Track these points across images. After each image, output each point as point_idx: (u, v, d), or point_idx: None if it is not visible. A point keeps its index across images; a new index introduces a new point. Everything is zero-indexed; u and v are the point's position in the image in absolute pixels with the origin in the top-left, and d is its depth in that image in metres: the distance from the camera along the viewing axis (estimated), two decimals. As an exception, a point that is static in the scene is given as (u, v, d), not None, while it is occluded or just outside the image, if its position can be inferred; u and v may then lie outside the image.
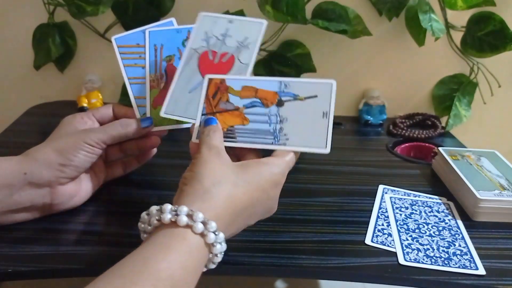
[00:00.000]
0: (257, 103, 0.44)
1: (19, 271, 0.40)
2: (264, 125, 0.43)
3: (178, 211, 0.34)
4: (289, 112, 0.43)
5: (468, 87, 0.86)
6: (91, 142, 0.45)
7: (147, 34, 0.54)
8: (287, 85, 0.44)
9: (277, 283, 0.71)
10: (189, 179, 0.38)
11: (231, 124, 0.44)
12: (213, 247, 0.35)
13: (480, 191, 0.52)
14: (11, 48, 0.84)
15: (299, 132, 0.42)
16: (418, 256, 0.44)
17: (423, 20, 0.76)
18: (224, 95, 0.45)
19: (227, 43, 0.49)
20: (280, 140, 0.42)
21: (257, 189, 0.39)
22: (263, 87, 0.44)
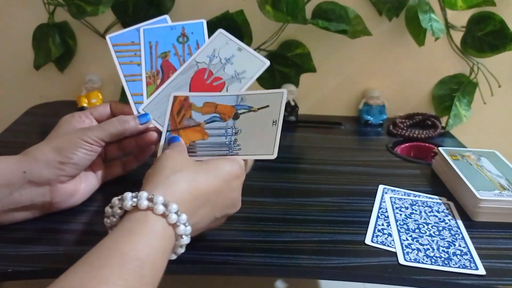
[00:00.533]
0: (216, 118, 0.47)
1: (19, 271, 0.40)
2: (221, 138, 0.46)
3: (139, 197, 0.35)
4: (243, 123, 0.46)
5: (468, 87, 0.86)
6: (89, 140, 0.46)
7: (141, 32, 0.54)
8: (243, 98, 0.47)
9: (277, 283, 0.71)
10: (152, 173, 0.39)
11: (192, 140, 0.46)
12: (177, 227, 0.36)
13: (480, 191, 0.52)
14: (11, 48, 0.84)
15: (250, 141, 0.45)
16: (418, 256, 0.44)
17: (423, 20, 0.76)
18: (187, 112, 0.48)
19: (225, 69, 0.51)
20: (234, 150, 0.45)
21: (219, 179, 0.40)
22: (223, 102, 0.47)
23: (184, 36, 0.54)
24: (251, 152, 0.44)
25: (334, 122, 0.83)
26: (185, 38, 0.54)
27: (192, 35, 0.54)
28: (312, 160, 0.67)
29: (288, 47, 0.82)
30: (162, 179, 0.38)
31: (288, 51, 0.82)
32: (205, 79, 0.51)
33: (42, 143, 0.46)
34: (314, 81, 0.86)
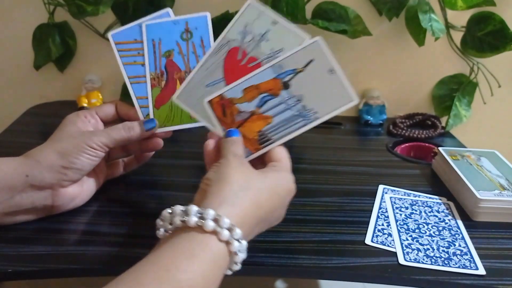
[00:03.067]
0: (266, 97, 0.43)
1: (19, 271, 0.40)
2: (287, 112, 0.43)
3: (205, 215, 0.33)
4: (299, 88, 0.43)
5: (468, 87, 0.86)
6: (94, 145, 0.45)
7: (144, 28, 0.52)
8: (281, 65, 0.43)
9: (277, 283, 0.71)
10: (215, 180, 0.37)
11: (258, 130, 0.43)
12: (235, 255, 0.34)
13: (480, 191, 0.52)
14: (11, 48, 0.84)
15: (321, 99, 0.42)
16: (418, 256, 0.44)
17: (423, 20, 0.75)
18: (233, 108, 0.44)
19: (261, 47, 0.46)
20: (311, 116, 0.42)
21: (278, 196, 0.39)
22: (261, 80, 0.43)
23: (188, 32, 0.52)
24: (331, 110, 0.42)
25: (334, 122, 0.83)
26: (188, 34, 0.52)
27: (196, 30, 0.52)
28: (312, 160, 0.67)
29: (288, 47, 0.82)
30: (230, 196, 0.35)
31: (288, 51, 0.82)
32: (239, 60, 0.46)
33: (45, 145, 0.45)
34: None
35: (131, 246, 0.44)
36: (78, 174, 0.45)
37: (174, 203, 0.52)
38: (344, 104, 0.42)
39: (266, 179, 0.38)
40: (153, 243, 0.44)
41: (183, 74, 0.51)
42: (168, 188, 0.56)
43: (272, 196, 0.38)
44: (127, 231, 0.46)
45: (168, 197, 0.54)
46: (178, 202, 0.52)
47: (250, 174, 0.38)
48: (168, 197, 0.54)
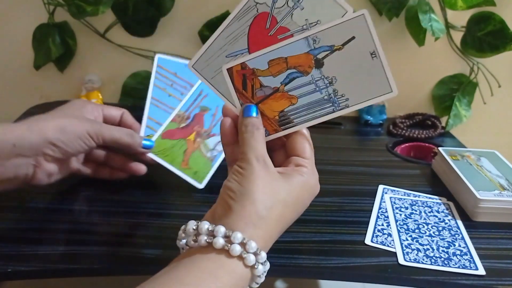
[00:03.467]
0: (294, 74, 0.38)
1: (19, 271, 0.40)
2: (315, 94, 0.38)
3: (232, 238, 0.32)
4: (333, 68, 0.37)
5: (468, 87, 0.86)
6: (92, 134, 0.45)
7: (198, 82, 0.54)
8: (316, 39, 0.37)
9: (277, 283, 0.71)
10: (239, 194, 0.34)
11: (280, 109, 0.38)
12: (258, 278, 0.33)
13: (480, 191, 0.52)
14: (11, 48, 0.84)
15: (355, 85, 0.37)
16: (418, 256, 0.44)
17: (423, 20, 0.76)
18: (255, 81, 0.38)
19: (294, 16, 0.38)
20: (340, 103, 0.37)
21: (302, 204, 0.38)
22: (291, 53, 0.37)
23: None
24: (365, 98, 0.37)
25: (334, 122, 0.83)
26: None
27: None
28: (312, 160, 0.67)
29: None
30: (255, 218, 0.33)
31: (288, 51, 0.82)
32: (268, 30, 0.39)
33: (46, 116, 0.45)
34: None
35: (131, 246, 0.44)
36: (63, 154, 0.46)
37: (174, 203, 0.53)
38: (381, 94, 0.37)
39: (291, 190, 0.36)
40: (153, 243, 0.44)
41: (203, 131, 0.54)
42: (168, 188, 0.56)
43: (297, 206, 0.37)
44: (127, 231, 0.46)
45: (169, 197, 0.54)
46: (178, 202, 0.53)
47: (275, 185, 0.35)
48: (169, 197, 0.54)
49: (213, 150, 0.54)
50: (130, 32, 0.82)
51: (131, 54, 0.84)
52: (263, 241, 0.33)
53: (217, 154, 0.54)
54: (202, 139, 0.54)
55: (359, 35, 0.36)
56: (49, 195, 0.52)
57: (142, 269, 0.42)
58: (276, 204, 0.35)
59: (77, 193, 0.53)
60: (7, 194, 0.51)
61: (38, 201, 0.50)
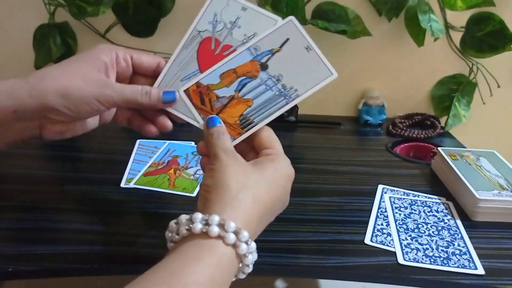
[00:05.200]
0: (245, 80, 0.43)
1: (20, 271, 0.40)
2: (267, 93, 0.42)
3: (210, 221, 0.33)
4: (277, 68, 0.42)
5: (467, 87, 0.86)
6: (102, 100, 0.40)
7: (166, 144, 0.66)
8: (257, 47, 0.43)
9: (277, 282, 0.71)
10: (213, 186, 0.36)
11: (239, 114, 0.42)
12: (245, 257, 0.33)
13: (479, 191, 0.52)
14: (12, 49, 0.84)
15: (300, 77, 0.42)
16: (417, 255, 0.45)
17: (422, 20, 0.76)
18: (211, 95, 0.43)
19: (233, 35, 0.45)
20: (292, 94, 0.42)
21: (278, 186, 0.38)
22: (238, 63, 0.43)
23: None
24: (311, 85, 0.42)
25: (334, 122, 0.83)
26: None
27: None
28: (312, 160, 0.67)
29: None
30: (230, 200, 0.35)
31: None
32: (213, 50, 0.45)
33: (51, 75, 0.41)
34: (314, 81, 0.86)
35: (131, 246, 0.44)
36: (69, 118, 0.41)
37: (174, 203, 0.53)
38: (323, 79, 0.42)
39: (263, 172, 0.38)
40: (153, 243, 0.44)
41: (180, 167, 0.60)
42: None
43: (272, 188, 0.37)
44: (127, 231, 0.47)
45: (168, 197, 0.54)
46: (178, 202, 0.53)
47: (245, 170, 0.37)
48: (168, 197, 0.54)
49: (195, 175, 0.59)
50: (131, 33, 0.83)
51: (131, 54, 0.84)
52: (242, 221, 0.34)
53: (200, 175, 0.59)
54: (181, 171, 0.59)
55: (292, 36, 0.43)
56: (49, 194, 0.52)
57: (142, 269, 0.42)
58: (248, 184, 0.36)
59: (77, 192, 0.53)
60: (7, 194, 0.52)
61: (38, 201, 0.51)
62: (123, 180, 0.56)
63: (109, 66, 0.42)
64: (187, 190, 0.55)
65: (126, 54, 0.44)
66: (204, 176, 0.38)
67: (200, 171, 0.59)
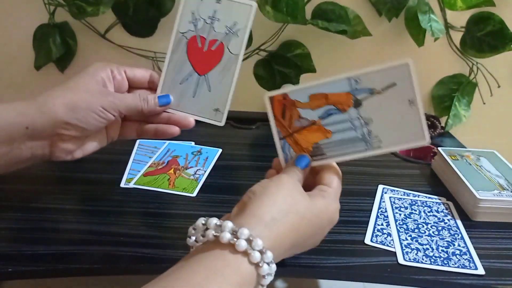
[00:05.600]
0: (332, 111, 0.40)
1: (20, 271, 0.40)
2: (350, 132, 0.40)
3: (239, 233, 0.31)
4: (371, 110, 0.39)
5: (467, 87, 0.86)
6: (106, 106, 0.42)
7: (166, 144, 0.66)
8: (358, 80, 0.39)
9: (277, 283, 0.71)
10: (258, 195, 0.35)
11: (314, 141, 0.41)
12: (263, 278, 0.32)
13: (479, 191, 0.52)
14: (11, 48, 0.84)
15: (390, 129, 0.39)
16: (418, 255, 0.45)
17: (422, 20, 0.76)
18: (294, 112, 0.41)
19: (215, 28, 0.46)
20: (374, 144, 0.40)
21: (319, 224, 0.37)
22: (332, 90, 0.39)
23: (199, 152, 0.64)
24: (397, 143, 0.39)
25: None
26: (199, 153, 0.64)
27: (206, 153, 0.64)
28: (311, 160, 0.67)
29: (288, 48, 0.82)
30: (267, 218, 0.33)
31: (288, 52, 0.82)
32: (201, 47, 0.46)
33: (56, 93, 0.42)
34: (314, 81, 0.86)
35: (131, 246, 0.44)
36: (80, 132, 0.43)
37: (174, 203, 0.53)
38: (413, 142, 0.39)
39: (311, 206, 0.36)
40: (153, 243, 0.44)
41: (179, 167, 0.60)
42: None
43: (313, 224, 0.37)
44: (127, 231, 0.47)
45: (168, 197, 0.54)
46: (178, 202, 0.53)
47: (296, 197, 0.36)
48: (168, 197, 0.54)
49: (195, 175, 0.58)
50: (131, 33, 0.83)
51: (132, 54, 0.84)
52: (271, 242, 0.33)
53: (200, 174, 0.58)
54: (181, 171, 0.59)
55: (400, 82, 0.38)
56: (49, 195, 0.52)
57: (142, 269, 0.42)
58: (292, 212, 0.35)
59: (77, 192, 0.53)
60: (7, 194, 0.51)
61: (38, 201, 0.50)
62: (123, 180, 0.56)
63: (107, 81, 0.45)
64: (187, 190, 0.55)
65: (120, 69, 0.46)
66: (256, 184, 0.36)
67: (200, 171, 0.59)
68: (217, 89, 0.46)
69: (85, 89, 0.43)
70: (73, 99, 0.42)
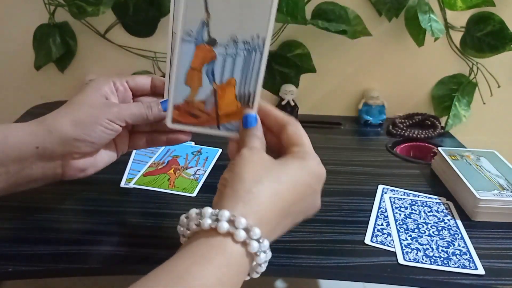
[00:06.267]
0: (210, 67, 0.39)
1: (20, 271, 0.40)
2: (237, 59, 0.39)
3: (219, 216, 0.31)
4: (222, 32, 0.38)
5: (467, 87, 0.86)
6: (112, 118, 0.42)
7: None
8: (188, 32, 0.39)
9: (277, 283, 0.71)
10: (229, 180, 0.34)
11: (233, 97, 0.39)
12: (257, 256, 0.32)
13: (479, 191, 0.52)
14: (11, 49, 0.84)
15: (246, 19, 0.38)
16: (418, 255, 0.45)
17: (422, 20, 0.76)
18: (196, 105, 0.40)
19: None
20: (256, 43, 0.38)
21: (303, 183, 0.35)
22: (189, 60, 0.39)
23: (199, 152, 0.64)
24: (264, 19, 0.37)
25: (334, 122, 0.83)
26: (199, 153, 0.64)
27: (206, 153, 0.64)
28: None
29: (288, 48, 0.83)
30: (243, 194, 0.33)
31: (288, 52, 0.82)
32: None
33: (62, 112, 0.43)
34: (314, 81, 0.86)
35: (131, 246, 0.44)
36: (90, 147, 0.43)
37: (174, 203, 0.53)
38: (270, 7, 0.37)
39: (286, 168, 0.35)
40: (153, 243, 0.44)
41: (180, 167, 0.60)
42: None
43: (296, 186, 0.35)
44: (127, 231, 0.47)
45: (168, 197, 0.54)
46: (178, 202, 0.53)
47: (266, 164, 0.35)
48: (168, 197, 0.54)
49: (195, 175, 0.58)
50: (131, 33, 0.83)
51: (132, 54, 0.84)
52: (256, 217, 0.32)
53: (200, 174, 0.58)
54: (181, 171, 0.59)
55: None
56: (49, 195, 0.52)
57: (142, 269, 0.42)
58: (266, 179, 0.34)
59: (78, 192, 0.53)
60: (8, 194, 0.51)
61: (38, 201, 0.50)
62: (123, 180, 0.56)
63: (110, 94, 0.45)
64: (187, 190, 0.55)
65: (121, 80, 0.46)
66: (225, 171, 0.36)
67: (200, 171, 0.59)
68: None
69: (89, 104, 0.43)
70: (79, 116, 0.42)
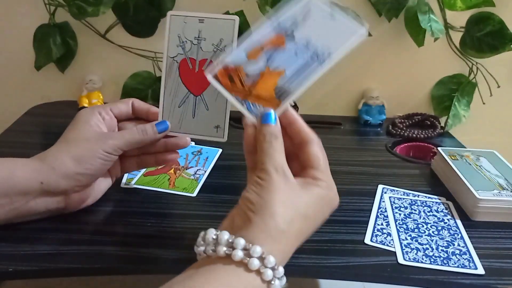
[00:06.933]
0: (273, 52, 0.40)
1: (20, 271, 0.40)
2: (299, 60, 0.40)
3: (251, 252, 0.31)
4: (303, 34, 0.40)
5: (467, 88, 0.86)
6: (109, 149, 0.45)
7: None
8: (280, 24, 0.41)
9: (277, 283, 0.71)
10: (258, 207, 0.34)
11: (273, 86, 0.40)
12: (271, 284, 0.32)
13: (479, 191, 0.52)
14: (12, 49, 0.84)
15: (327, 38, 0.40)
16: (417, 255, 0.45)
17: (422, 20, 0.76)
18: (240, 73, 0.41)
19: (203, 48, 0.47)
20: (324, 55, 0.40)
21: (322, 217, 0.37)
22: (264, 39, 0.41)
23: (199, 152, 0.64)
24: (341, 43, 0.40)
25: (334, 122, 0.83)
26: (199, 153, 0.64)
27: (206, 153, 0.64)
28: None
29: (288, 48, 0.83)
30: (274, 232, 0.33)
31: (288, 52, 0.82)
32: (193, 69, 0.47)
33: (60, 149, 0.45)
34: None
35: (131, 246, 0.44)
36: (91, 179, 0.46)
37: (174, 203, 0.53)
38: (354, 35, 0.40)
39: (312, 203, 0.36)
40: (153, 243, 0.44)
41: (180, 167, 0.60)
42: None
43: (316, 219, 0.37)
44: (127, 231, 0.47)
45: (168, 197, 0.54)
46: (178, 202, 0.53)
47: (295, 197, 0.35)
48: (168, 197, 0.54)
49: (195, 175, 0.59)
50: (131, 33, 0.83)
51: (132, 54, 0.84)
52: (281, 255, 0.33)
53: (200, 174, 0.59)
54: (181, 171, 0.59)
55: (313, 3, 0.41)
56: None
57: (142, 269, 0.42)
58: (296, 218, 0.35)
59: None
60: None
61: (38, 201, 0.50)
62: (123, 180, 0.56)
63: (99, 124, 0.47)
64: (187, 190, 0.55)
65: (106, 109, 0.48)
66: (249, 189, 0.35)
67: (200, 171, 0.59)
68: (214, 106, 0.47)
69: (84, 138, 0.45)
70: (77, 151, 0.44)
